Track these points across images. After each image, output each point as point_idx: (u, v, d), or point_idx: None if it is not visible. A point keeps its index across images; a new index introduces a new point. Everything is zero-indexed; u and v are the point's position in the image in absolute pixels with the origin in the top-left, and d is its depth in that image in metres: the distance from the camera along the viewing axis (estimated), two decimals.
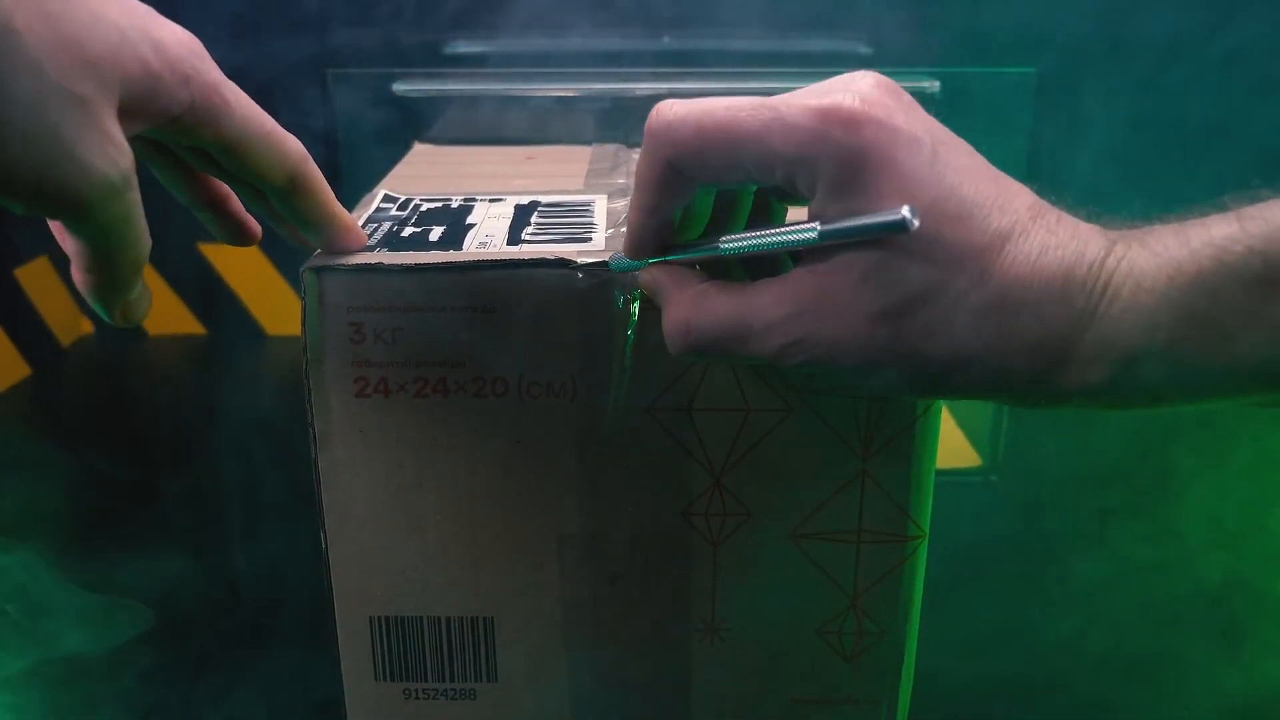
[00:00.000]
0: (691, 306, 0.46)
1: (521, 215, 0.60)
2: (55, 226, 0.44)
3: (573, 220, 0.59)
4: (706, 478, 0.55)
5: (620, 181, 0.68)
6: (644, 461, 0.55)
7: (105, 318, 0.48)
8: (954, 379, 0.43)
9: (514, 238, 0.56)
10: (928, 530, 0.57)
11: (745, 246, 0.46)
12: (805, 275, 0.44)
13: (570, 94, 1.02)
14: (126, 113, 0.43)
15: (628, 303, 0.52)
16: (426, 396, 0.54)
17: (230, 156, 0.48)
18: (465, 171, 0.73)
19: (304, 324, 0.52)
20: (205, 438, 1.16)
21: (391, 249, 0.53)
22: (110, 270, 0.45)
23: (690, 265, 0.49)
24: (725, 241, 0.47)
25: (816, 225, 0.42)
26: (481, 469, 0.55)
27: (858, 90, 0.42)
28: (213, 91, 0.46)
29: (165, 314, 1.42)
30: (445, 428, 0.54)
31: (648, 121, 0.45)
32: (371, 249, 0.53)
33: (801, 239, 0.43)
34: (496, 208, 0.61)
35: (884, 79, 0.43)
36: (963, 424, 1.11)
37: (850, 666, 0.59)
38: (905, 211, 0.40)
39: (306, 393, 0.53)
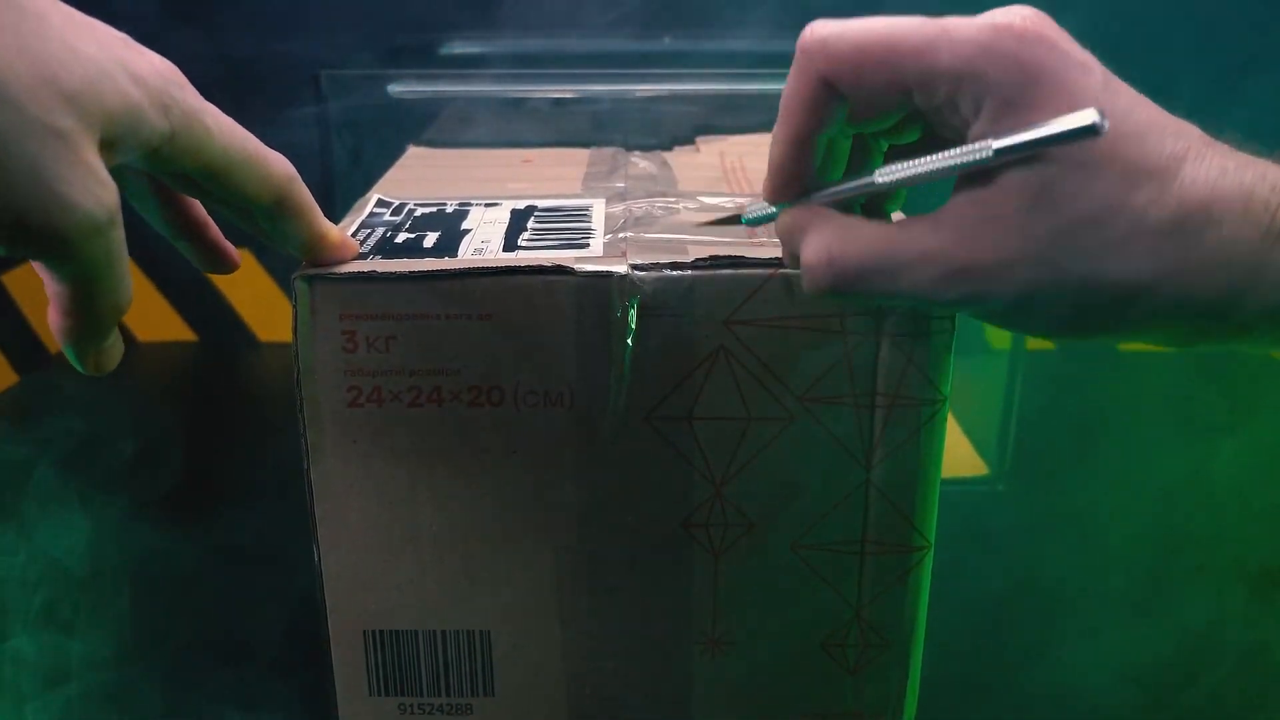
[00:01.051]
0: (835, 237, 0.45)
1: (518, 220, 0.60)
2: (37, 267, 0.44)
3: (570, 225, 0.59)
4: (707, 488, 0.55)
5: (619, 185, 0.68)
6: (643, 472, 0.55)
7: (77, 366, 0.47)
8: (1128, 308, 0.42)
9: (510, 244, 0.56)
10: (933, 541, 0.57)
11: (906, 176, 0.44)
12: (965, 202, 0.43)
13: (568, 95, 1.02)
14: (107, 146, 0.42)
15: (626, 310, 0.52)
16: (421, 406, 0.54)
17: (214, 182, 0.48)
18: (461, 175, 0.73)
19: (295, 333, 0.52)
20: (196, 447, 1.16)
21: (385, 255, 0.53)
22: (89, 314, 0.44)
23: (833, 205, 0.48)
24: (881, 174, 0.45)
25: (989, 143, 0.41)
26: (477, 480, 0.55)
27: (1025, 14, 0.42)
28: (194, 119, 0.45)
29: (155, 320, 1.42)
30: (440, 438, 0.54)
31: (800, 39, 0.44)
32: (364, 256, 0.53)
33: (974, 159, 0.42)
34: (492, 212, 0.61)
35: (1044, 13, 0.43)
36: (969, 431, 1.11)
37: (854, 680, 0.59)
38: (1094, 115, 0.39)
39: (298, 402, 0.53)
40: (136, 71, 0.43)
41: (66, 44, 0.41)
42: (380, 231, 0.58)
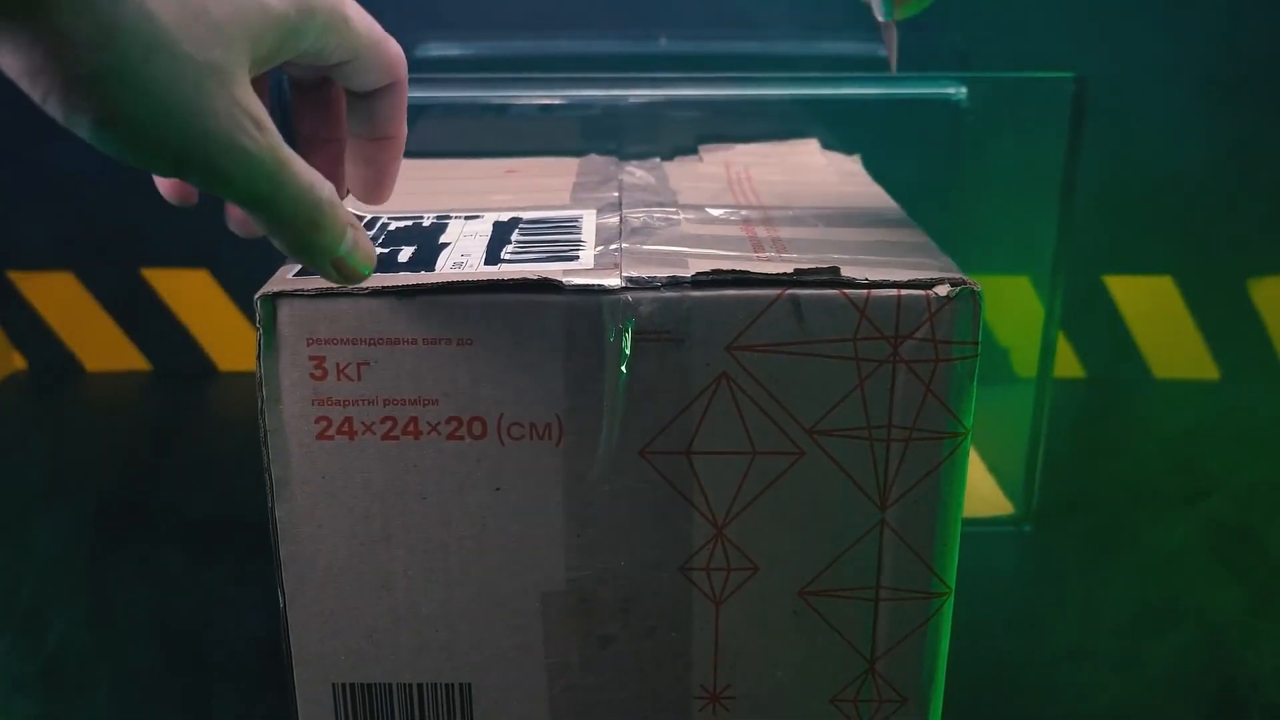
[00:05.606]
0: None
1: (501, 233, 0.60)
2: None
3: (558, 237, 0.59)
4: (708, 528, 0.55)
5: (612, 195, 0.68)
6: (638, 510, 0.55)
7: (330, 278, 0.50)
8: None
9: (493, 257, 0.56)
10: (954, 587, 0.57)
11: None
12: None
13: (556, 101, 1.02)
14: (259, 63, 0.45)
15: (619, 333, 0.52)
16: (396, 439, 0.54)
17: (344, 69, 0.51)
18: (438, 187, 0.73)
19: (259, 358, 0.52)
20: (148, 486, 1.15)
21: None
22: (285, 231, 0.46)
23: None
24: None
25: None
26: (457, 520, 0.55)
27: None
28: (336, 14, 0.48)
29: (103, 347, 1.41)
30: (417, 474, 0.54)
31: None
32: None
33: None
34: (473, 225, 0.62)
35: None
36: (992, 468, 1.11)
37: None
38: None
39: (262, 435, 0.53)
40: None
41: None
42: None
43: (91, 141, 0.40)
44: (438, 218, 0.63)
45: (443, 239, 0.59)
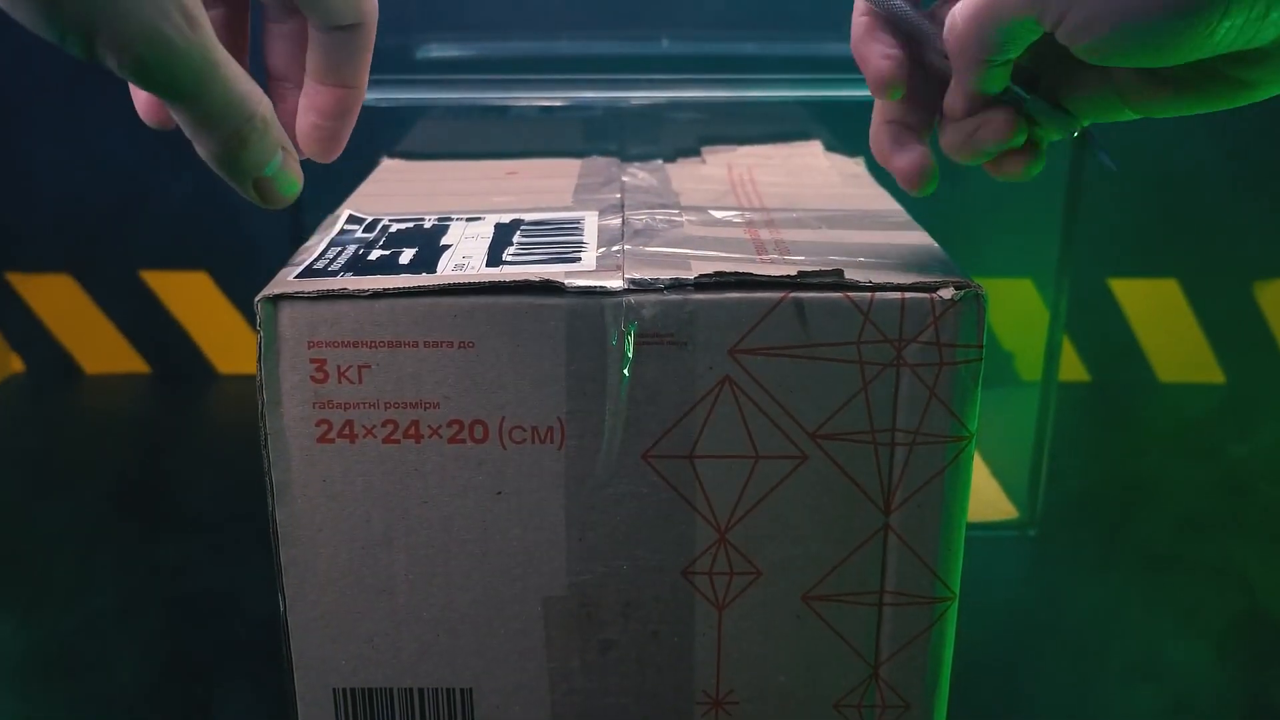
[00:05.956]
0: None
1: (502, 234, 0.60)
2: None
3: (560, 239, 0.59)
4: (710, 533, 0.55)
5: (614, 197, 0.68)
6: (640, 515, 0.55)
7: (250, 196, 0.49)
8: None
9: (494, 259, 0.56)
10: (958, 592, 0.57)
11: None
12: None
13: (557, 103, 1.02)
14: None
15: (622, 336, 0.52)
16: (397, 442, 0.54)
17: None
18: (439, 189, 0.73)
19: (259, 361, 0.52)
20: (148, 489, 1.15)
21: (357, 274, 0.53)
22: (208, 138, 0.46)
23: None
24: None
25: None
26: (458, 524, 0.55)
27: None
28: None
29: (102, 350, 1.42)
30: (418, 478, 0.54)
31: None
32: (335, 275, 0.54)
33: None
34: (474, 227, 0.62)
35: None
36: (997, 472, 1.11)
37: None
38: None
39: (263, 438, 0.53)
40: None
41: None
42: (352, 249, 0.58)
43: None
44: (439, 219, 0.63)
45: (444, 241, 0.59)
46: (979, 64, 0.50)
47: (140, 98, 0.51)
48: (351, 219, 0.63)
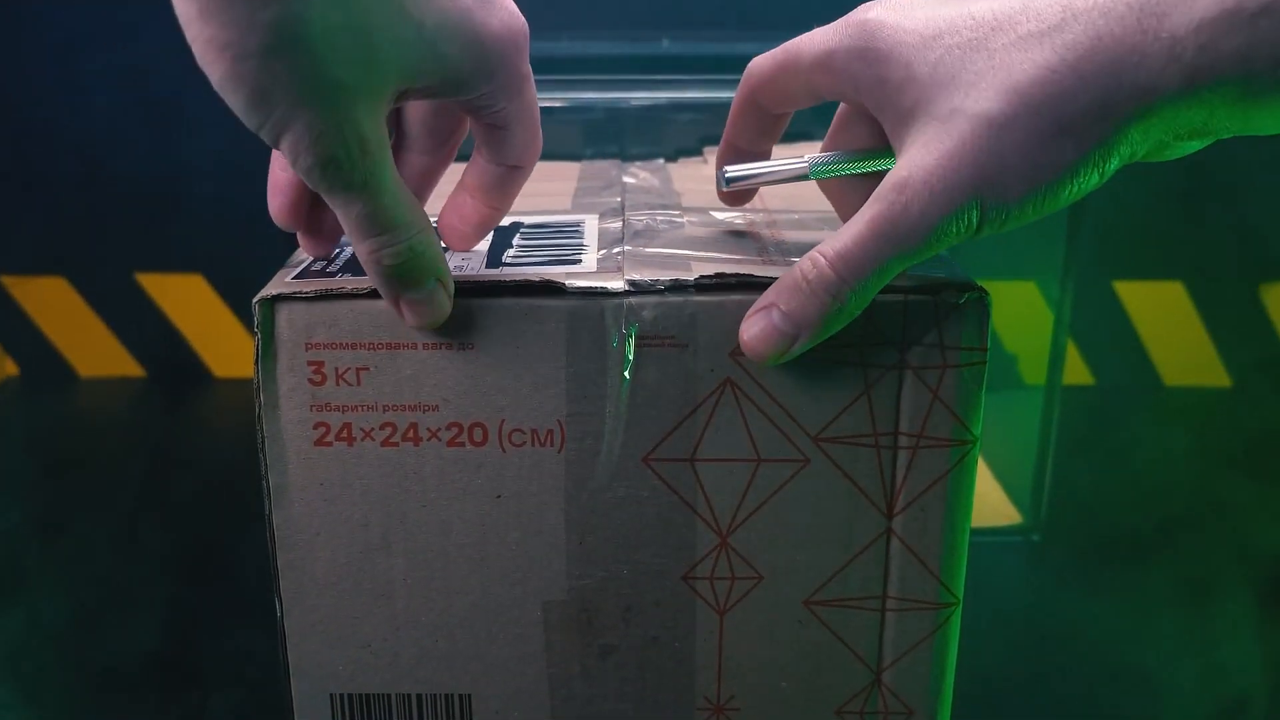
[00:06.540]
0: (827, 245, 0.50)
1: (502, 237, 0.60)
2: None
3: (560, 241, 0.59)
4: (711, 537, 0.55)
5: (614, 199, 0.68)
6: (641, 519, 0.55)
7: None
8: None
9: (494, 260, 0.56)
10: (961, 597, 0.57)
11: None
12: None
13: (556, 104, 1.02)
14: (410, 96, 0.49)
15: (623, 339, 0.52)
16: (395, 445, 0.54)
17: (493, 134, 0.54)
18: (437, 191, 0.73)
19: (256, 363, 0.52)
20: (143, 494, 1.15)
21: (355, 275, 0.53)
22: (360, 248, 0.49)
23: None
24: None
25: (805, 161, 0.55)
26: (457, 528, 0.55)
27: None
28: (514, 87, 0.52)
29: (97, 353, 1.42)
30: (416, 481, 0.54)
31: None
32: (332, 275, 0.53)
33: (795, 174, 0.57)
34: None
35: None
36: (1000, 476, 1.11)
37: None
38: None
39: (260, 442, 0.53)
40: (475, 34, 0.49)
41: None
42: (349, 250, 0.58)
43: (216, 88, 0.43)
44: (437, 221, 0.63)
45: (443, 243, 0.59)
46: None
47: (276, 203, 0.54)
48: None
